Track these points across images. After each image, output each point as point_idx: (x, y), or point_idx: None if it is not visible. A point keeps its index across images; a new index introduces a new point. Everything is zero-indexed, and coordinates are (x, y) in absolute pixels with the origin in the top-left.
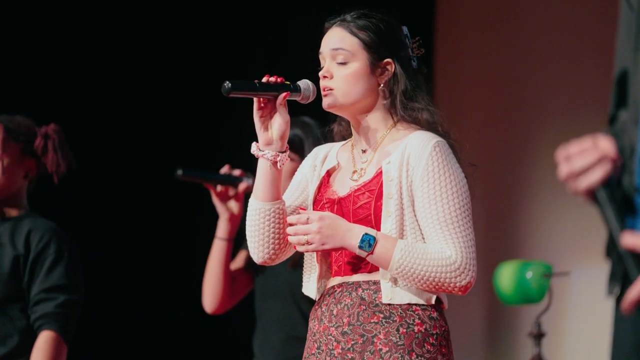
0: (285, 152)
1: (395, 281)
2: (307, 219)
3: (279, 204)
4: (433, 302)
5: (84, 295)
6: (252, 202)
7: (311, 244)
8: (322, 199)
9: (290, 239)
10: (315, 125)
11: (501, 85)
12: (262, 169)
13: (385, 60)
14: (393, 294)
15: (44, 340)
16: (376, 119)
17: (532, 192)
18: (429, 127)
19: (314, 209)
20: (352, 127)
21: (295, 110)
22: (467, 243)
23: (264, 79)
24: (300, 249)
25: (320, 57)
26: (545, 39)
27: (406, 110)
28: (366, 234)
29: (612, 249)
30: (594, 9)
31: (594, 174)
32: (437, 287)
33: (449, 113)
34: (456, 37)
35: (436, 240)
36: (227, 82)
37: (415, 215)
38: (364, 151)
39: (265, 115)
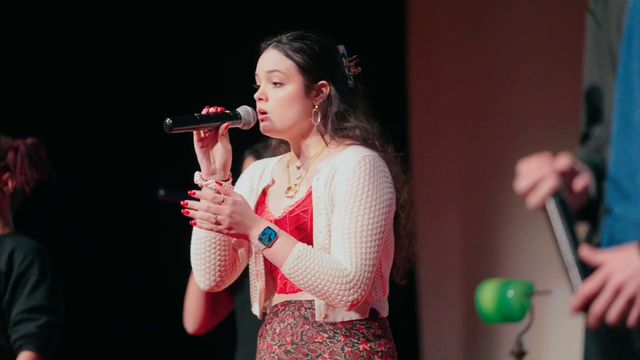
0: (228, 180)
1: None
2: (222, 200)
3: None
4: (367, 315)
5: (63, 316)
6: (197, 231)
7: (219, 224)
8: None
9: (197, 214)
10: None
11: (479, 99)
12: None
13: (320, 82)
14: (327, 312)
15: None
16: (312, 140)
17: (513, 210)
18: (364, 142)
19: None
20: (290, 145)
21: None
22: (366, 260)
23: (204, 111)
24: (204, 225)
25: (256, 78)
26: (522, 50)
27: (338, 131)
28: (269, 227)
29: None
30: (570, 16)
31: (540, 191)
32: (324, 296)
33: (425, 128)
34: (430, 49)
35: (336, 251)
36: (168, 119)
37: None
38: (298, 168)
39: (206, 145)
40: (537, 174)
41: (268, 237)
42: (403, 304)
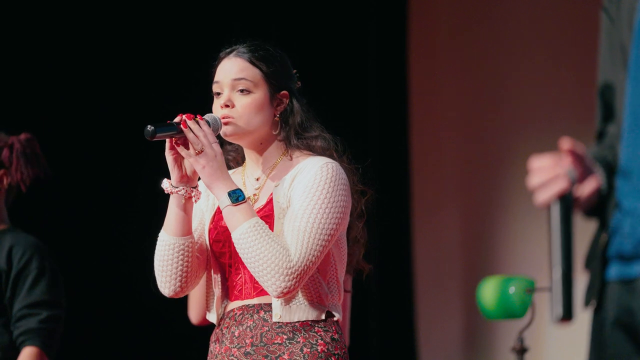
0: (196, 187)
1: (285, 301)
2: (212, 144)
3: (191, 238)
4: (323, 317)
5: (65, 310)
6: (165, 237)
7: (200, 155)
8: (217, 228)
9: (190, 134)
10: None
11: (479, 98)
12: (176, 204)
13: (282, 92)
14: (283, 312)
15: (27, 356)
16: (272, 148)
17: (514, 207)
18: (324, 153)
19: (210, 239)
20: (246, 155)
21: None
22: (311, 257)
23: (177, 119)
24: (182, 152)
25: (216, 86)
26: (523, 49)
27: (300, 139)
28: (241, 190)
29: (591, 260)
30: (571, 16)
31: (550, 190)
32: (261, 274)
33: (426, 128)
34: (431, 48)
35: (287, 239)
36: (150, 126)
37: None
38: (257, 179)
39: (177, 153)
40: (551, 173)
41: (237, 197)
42: (403, 302)
